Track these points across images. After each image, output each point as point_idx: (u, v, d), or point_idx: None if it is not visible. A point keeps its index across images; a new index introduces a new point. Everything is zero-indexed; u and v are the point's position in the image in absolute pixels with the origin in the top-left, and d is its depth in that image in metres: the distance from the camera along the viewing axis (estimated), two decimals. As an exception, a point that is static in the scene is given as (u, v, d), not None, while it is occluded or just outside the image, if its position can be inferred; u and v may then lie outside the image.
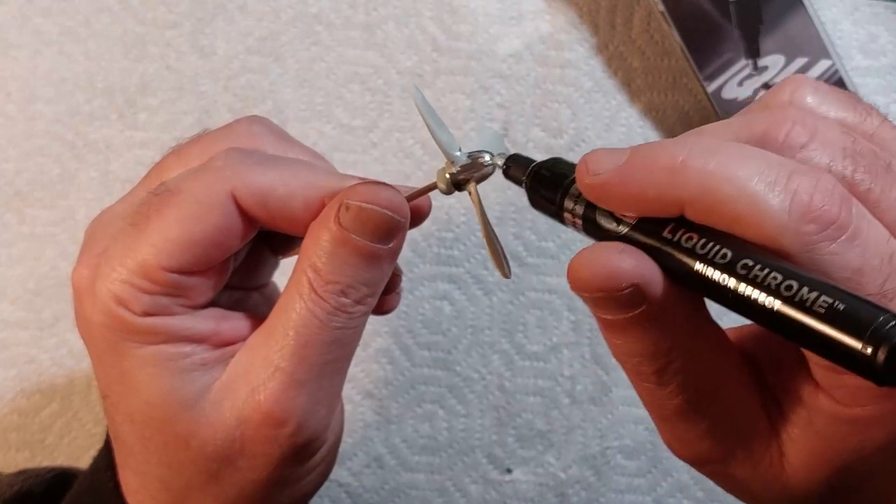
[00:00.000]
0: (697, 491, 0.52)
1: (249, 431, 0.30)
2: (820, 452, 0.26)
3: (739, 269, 0.23)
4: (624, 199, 0.26)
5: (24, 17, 0.53)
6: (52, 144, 0.53)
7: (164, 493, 0.32)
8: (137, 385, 0.31)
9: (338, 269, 0.30)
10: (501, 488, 0.52)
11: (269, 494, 0.32)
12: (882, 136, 0.27)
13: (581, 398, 0.52)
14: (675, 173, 0.25)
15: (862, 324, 0.21)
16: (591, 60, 0.54)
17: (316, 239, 0.30)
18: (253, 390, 0.30)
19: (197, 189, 0.30)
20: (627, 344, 0.27)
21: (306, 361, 0.30)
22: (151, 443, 0.31)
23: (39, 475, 0.40)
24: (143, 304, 0.30)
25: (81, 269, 0.31)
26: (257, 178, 0.31)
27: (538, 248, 0.53)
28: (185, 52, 0.53)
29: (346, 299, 0.30)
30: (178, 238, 0.30)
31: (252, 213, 0.31)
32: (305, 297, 0.30)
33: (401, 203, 0.31)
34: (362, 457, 0.52)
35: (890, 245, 0.24)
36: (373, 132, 0.53)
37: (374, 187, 0.30)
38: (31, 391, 0.52)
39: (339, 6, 0.54)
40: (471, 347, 0.52)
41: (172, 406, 0.30)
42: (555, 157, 0.31)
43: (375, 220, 0.30)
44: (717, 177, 0.24)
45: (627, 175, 0.26)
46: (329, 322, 0.30)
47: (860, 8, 0.53)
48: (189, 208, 0.30)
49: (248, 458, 0.31)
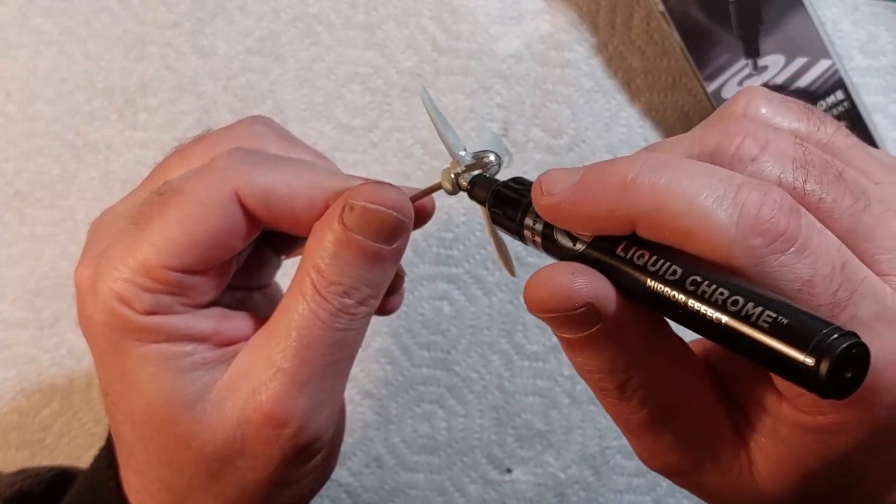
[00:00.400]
0: (697, 491, 0.52)
1: (250, 432, 0.30)
2: (786, 460, 0.26)
3: (688, 285, 0.24)
4: (578, 219, 0.26)
5: (24, 17, 0.53)
6: (52, 144, 0.53)
7: (164, 493, 0.32)
8: (138, 384, 0.31)
9: (341, 270, 0.30)
10: (501, 488, 0.52)
11: (270, 495, 0.32)
12: (836, 144, 0.27)
13: (580, 398, 0.52)
14: (625, 191, 0.25)
15: (805, 337, 0.21)
16: (591, 60, 0.54)
17: (319, 239, 0.30)
18: (254, 390, 0.30)
19: (199, 189, 0.30)
20: (587, 361, 0.27)
21: (308, 362, 0.30)
22: (152, 442, 0.31)
23: (39, 474, 0.40)
24: (145, 302, 0.30)
25: (83, 269, 0.31)
26: (260, 178, 0.31)
27: (538, 248, 0.53)
28: (185, 52, 0.53)
29: (349, 300, 0.30)
30: (181, 237, 0.30)
31: (255, 213, 0.31)
32: (308, 297, 0.30)
33: (405, 203, 0.31)
34: (362, 456, 0.52)
35: (841, 254, 0.24)
36: (373, 132, 0.53)
37: (378, 187, 0.30)
38: (31, 391, 0.52)
39: (339, 6, 0.54)
40: (470, 347, 0.52)
41: (173, 406, 0.30)
42: (516, 178, 0.31)
43: (379, 221, 0.30)
44: (666, 193, 0.24)
45: (580, 194, 0.26)
46: (332, 323, 0.30)
47: (860, 8, 0.53)
48: (191, 208, 0.30)
49: (248, 458, 0.31)
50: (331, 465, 0.35)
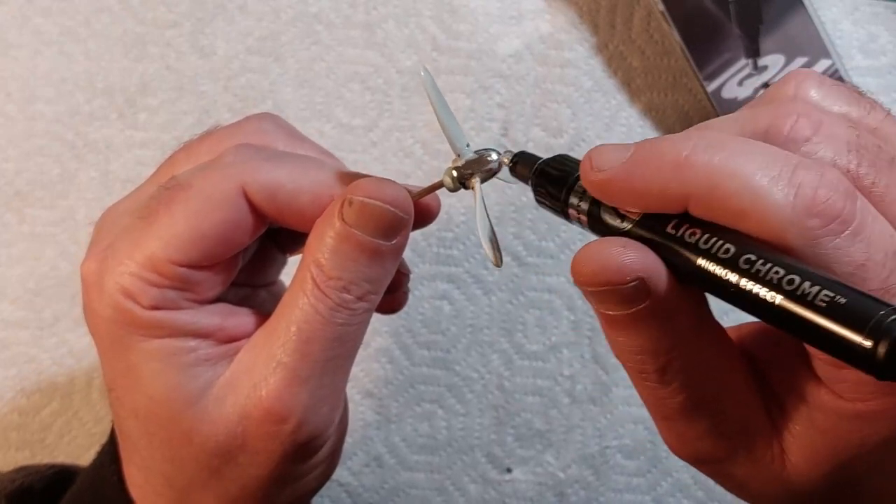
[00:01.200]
0: (697, 490, 0.52)
1: (251, 427, 0.30)
2: (822, 449, 0.26)
3: (742, 263, 0.23)
4: (628, 195, 0.26)
5: (24, 17, 0.53)
6: (52, 144, 0.53)
7: (167, 489, 0.32)
8: (142, 379, 0.31)
9: (341, 266, 0.30)
10: (500, 488, 0.52)
11: (271, 492, 0.32)
12: (886, 130, 0.27)
13: (580, 398, 0.52)
14: (679, 168, 0.25)
15: (863, 318, 0.21)
16: (591, 60, 0.54)
17: (320, 235, 0.30)
18: (255, 386, 0.30)
19: (207, 184, 0.31)
20: (630, 341, 0.26)
21: (309, 358, 0.30)
22: (155, 438, 0.31)
23: (40, 472, 0.40)
24: (150, 297, 0.30)
25: (90, 263, 0.31)
26: (266, 175, 0.31)
27: (538, 248, 0.53)
28: (185, 52, 0.53)
29: (349, 295, 0.30)
30: (187, 232, 0.30)
31: (261, 209, 0.31)
32: (309, 293, 0.30)
33: (404, 199, 0.31)
34: (362, 456, 0.52)
35: (894, 240, 0.24)
36: (373, 132, 0.53)
37: (377, 183, 0.30)
38: (31, 391, 0.52)
39: (339, 6, 0.54)
40: (470, 347, 0.52)
41: (176, 402, 0.30)
42: (561, 154, 0.30)
43: (378, 216, 0.30)
44: (721, 171, 0.24)
45: (632, 171, 0.25)
46: (332, 318, 0.30)
47: (860, 8, 0.53)
48: (198, 203, 0.30)
49: (249, 454, 0.31)
50: (333, 463, 0.35)
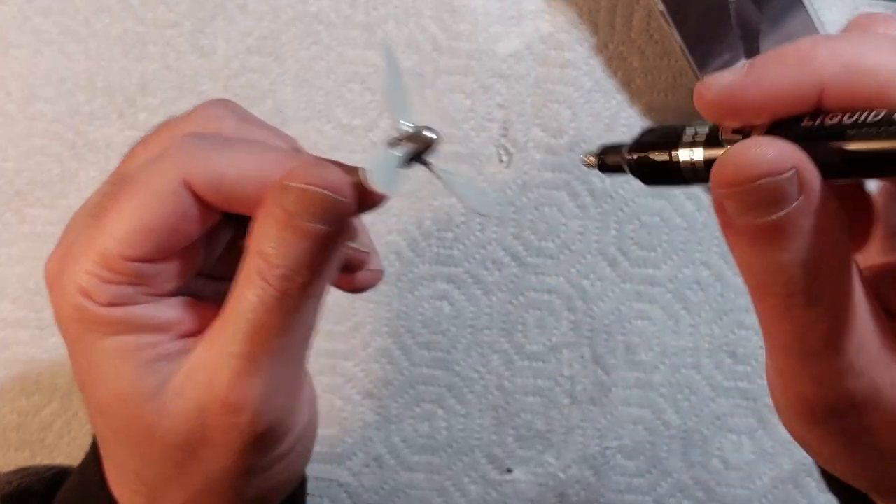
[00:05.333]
0: (697, 491, 0.52)
1: (210, 420, 0.30)
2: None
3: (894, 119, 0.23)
4: (757, 101, 0.25)
5: (24, 16, 0.53)
6: (52, 144, 0.53)
7: (139, 485, 0.32)
8: (104, 377, 0.31)
9: (283, 254, 0.29)
10: (501, 488, 0.52)
11: (237, 484, 0.32)
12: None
13: (580, 398, 0.52)
14: (807, 60, 0.24)
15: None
16: (591, 60, 0.54)
17: (261, 223, 0.30)
18: (210, 379, 0.30)
19: (150, 177, 0.30)
20: (780, 255, 0.25)
21: (258, 348, 0.30)
22: (121, 435, 0.31)
23: (39, 473, 0.40)
24: (106, 294, 0.30)
25: (50, 264, 0.31)
26: (209, 163, 0.30)
27: (538, 248, 0.53)
28: (185, 52, 0.53)
29: (292, 284, 0.30)
30: (135, 226, 0.30)
31: (206, 198, 0.30)
32: (254, 283, 0.30)
33: (341, 183, 0.30)
34: (362, 456, 0.52)
35: None
36: (373, 132, 0.53)
37: (312, 167, 0.30)
38: (31, 391, 0.52)
39: (339, 6, 0.54)
40: (470, 347, 0.52)
41: (137, 398, 0.30)
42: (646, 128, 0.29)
43: (317, 202, 0.29)
44: (851, 52, 0.24)
45: (757, 74, 0.25)
46: (277, 308, 0.30)
47: (860, 8, 0.53)
48: (143, 197, 0.30)
49: (211, 447, 0.31)
50: (303, 456, 0.35)
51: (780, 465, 0.52)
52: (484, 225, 0.53)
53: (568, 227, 0.53)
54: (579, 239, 0.53)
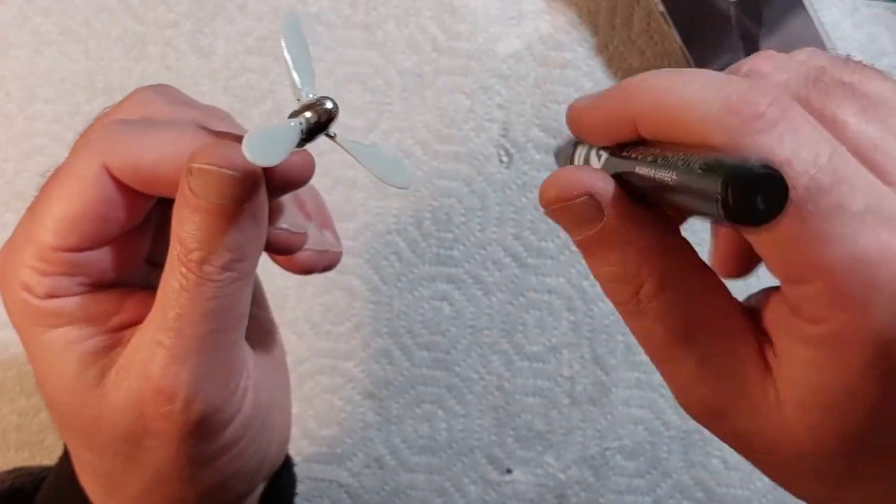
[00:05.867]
0: (697, 492, 0.52)
1: (147, 410, 0.30)
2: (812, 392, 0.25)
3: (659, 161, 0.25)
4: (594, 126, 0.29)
5: (24, 16, 0.53)
6: (52, 144, 0.53)
7: (97, 477, 0.32)
8: (49, 370, 0.31)
9: (196, 237, 0.29)
10: (501, 489, 0.52)
11: (185, 474, 0.31)
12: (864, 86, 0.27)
13: (580, 399, 0.52)
14: (627, 96, 0.27)
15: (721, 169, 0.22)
16: (591, 61, 0.54)
17: (176, 207, 0.29)
18: (144, 369, 0.30)
19: (72, 165, 0.30)
20: (600, 265, 0.28)
21: (182, 335, 0.29)
22: (72, 428, 0.31)
23: (33, 473, 0.40)
24: (43, 286, 0.30)
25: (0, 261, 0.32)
26: (126, 147, 0.30)
27: (538, 249, 0.53)
28: (184, 52, 0.53)
29: (211, 267, 0.29)
30: (62, 216, 0.30)
31: (128, 183, 0.30)
32: (175, 269, 0.29)
33: (243, 161, 0.29)
34: (362, 457, 0.52)
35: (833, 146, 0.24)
36: (373, 132, 0.53)
37: (212, 147, 0.29)
38: (31, 391, 0.52)
39: (339, 6, 0.54)
40: (470, 348, 0.52)
41: (80, 391, 0.30)
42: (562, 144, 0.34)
43: (219, 181, 0.29)
44: (660, 91, 0.26)
45: (599, 103, 0.29)
46: (199, 294, 0.29)
47: (860, 9, 0.53)
48: (66, 186, 0.30)
49: (152, 437, 0.30)
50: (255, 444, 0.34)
51: (780, 466, 0.52)
52: (484, 225, 0.53)
53: (568, 228, 0.53)
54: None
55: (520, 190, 0.53)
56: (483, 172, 0.53)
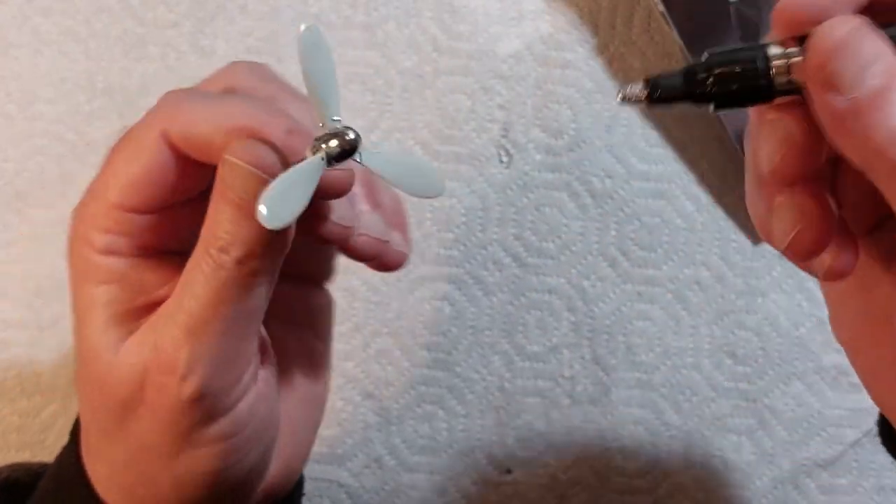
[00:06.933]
0: (697, 492, 0.52)
1: (149, 378, 0.31)
2: None
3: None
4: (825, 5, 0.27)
5: (24, 16, 0.53)
6: (52, 144, 0.53)
7: (88, 437, 0.33)
8: (83, 320, 0.32)
9: (220, 225, 0.30)
10: (501, 489, 0.52)
11: (168, 452, 0.32)
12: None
13: (581, 399, 0.52)
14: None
15: None
16: (592, 61, 0.54)
17: (213, 194, 0.30)
18: (156, 341, 0.31)
19: (136, 130, 0.31)
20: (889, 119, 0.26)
21: (192, 315, 0.30)
22: (83, 381, 0.32)
23: (31, 468, 0.41)
24: (102, 241, 0.31)
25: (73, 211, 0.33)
26: (183, 116, 0.31)
27: (538, 249, 0.53)
28: (185, 52, 0.53)
29: (227, 256, 0.30)
30: (124, 176, 0.31)
31: (181, 151, 0.31)
32: (198, 253, 0.30)
33: (271, 162, 0.30)
34: (362, 457, 0.52)
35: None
36: (373, 132, 0.53)
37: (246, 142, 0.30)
38: (32, 392, 0.52)
39: (339, 6, 0.54)
40: (471, 348, 0.52)
41: (97, 348, 0.31)
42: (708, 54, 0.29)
43: (245, 178, 0.29)
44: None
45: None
46: (214, 278, 0.30)
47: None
48: (129, 148, 0.31)
49: (147, 407, 0.31)
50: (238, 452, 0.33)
51: (780, 466, 0.52)
52: (484, 225, 0.53)
53: (568, 228, 0.53)
54: (580, 240, 0.53)
55: (520, 190, 0.53)
56: (483, 173, 0.53)
